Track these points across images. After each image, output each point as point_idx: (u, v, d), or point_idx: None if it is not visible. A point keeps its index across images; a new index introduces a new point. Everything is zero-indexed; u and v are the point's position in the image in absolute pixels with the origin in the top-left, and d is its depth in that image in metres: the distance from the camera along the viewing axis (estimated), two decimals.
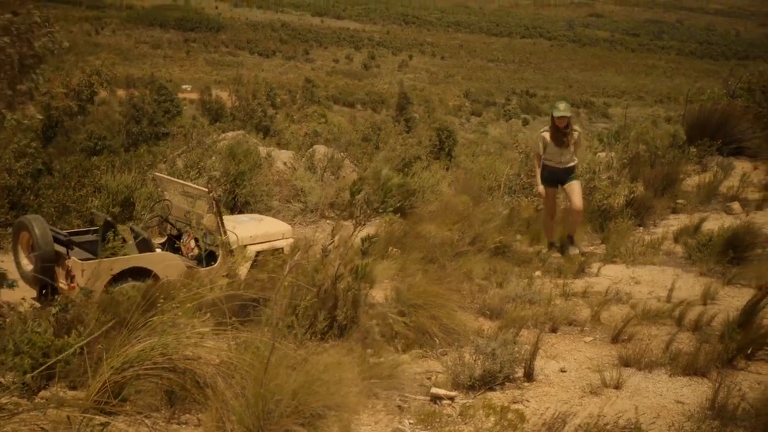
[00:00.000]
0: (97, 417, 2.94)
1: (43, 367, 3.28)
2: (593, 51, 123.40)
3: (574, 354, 5.17)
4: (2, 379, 3.39)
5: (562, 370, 4.82)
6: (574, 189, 8.02)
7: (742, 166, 11.50)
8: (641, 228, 9.17)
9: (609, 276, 7.14)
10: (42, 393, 3.59)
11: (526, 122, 55.94)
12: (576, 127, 8.05)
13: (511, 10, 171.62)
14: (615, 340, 5.39)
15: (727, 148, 11.80)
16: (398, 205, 11.40)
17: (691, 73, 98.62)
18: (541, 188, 8.08)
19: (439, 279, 5.79)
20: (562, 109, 7.82)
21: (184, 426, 3.61)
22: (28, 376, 3.26)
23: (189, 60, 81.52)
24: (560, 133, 7.86)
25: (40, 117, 5.45)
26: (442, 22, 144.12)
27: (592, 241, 8.81)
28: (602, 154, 11.50)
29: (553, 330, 5.59)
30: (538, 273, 7.25)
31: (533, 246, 8.42)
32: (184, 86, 50.98)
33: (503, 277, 6.64)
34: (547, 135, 7.99)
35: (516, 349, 4.61)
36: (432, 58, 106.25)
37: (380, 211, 4.85)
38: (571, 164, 8.05)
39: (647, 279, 7.11)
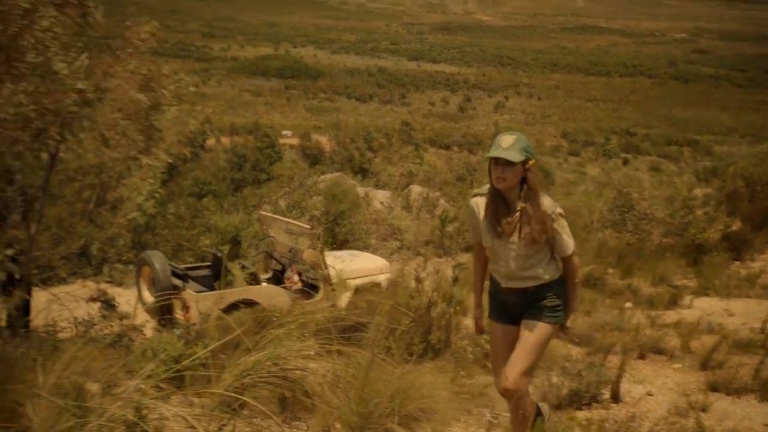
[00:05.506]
0: (222, 415, 3.40)
1: (176, 371, 3.78)
2: (697, 88, 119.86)
3: (662, 379, 5.32)
4: (141, 384, 3.91)
5: (649, 394, 4.99)
6: (524, 340, 3.60)
7: None
8: (737, 262, 9.12)
9: (701, 308, 7.20)
10: (173, 398, 4.09)
11: (626, 161, 54.95)
12: (545, 201, 3.52)
13: (609, 48, 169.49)
14: (704, 366, 5.50)
15: None
16: None
17: None
18: (479, 325, 4.01)
19: None
20: (505, 145, 3.45)
21: (295, 430, 4.03)
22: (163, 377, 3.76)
23: (289, 106, 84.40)
24: (499, 203, 3.55)
25: (170, 160, 6.14)
26: (537, 63, 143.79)
27: (685, 274, 8.83)
28: (698, 191, 11.46)
29: (641, 357, 5.75)
30: (629, 304, 7.38)
31: (625, 279, 8.52)
32: (284, 132, 52.76)
33: (591, 306, 6.83)
34: (479, 204, 3.67)
35: (602, 371, 4.82)
36: (528, 99, 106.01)
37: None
38: (537, 282, 3.59)
39: (741, 311, 7.12)
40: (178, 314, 7.59)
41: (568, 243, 3.58)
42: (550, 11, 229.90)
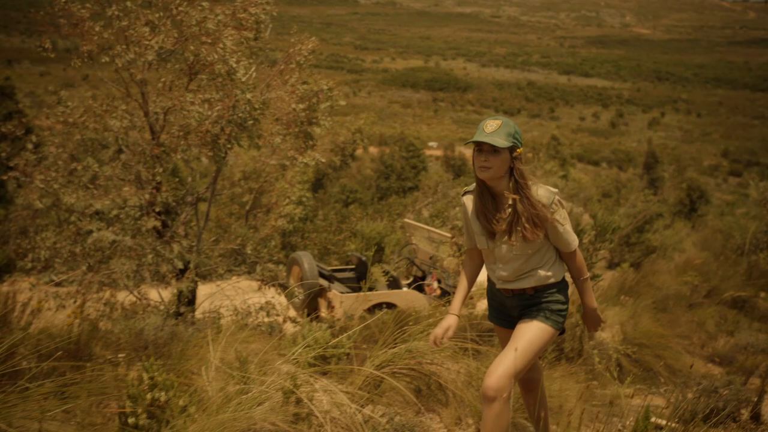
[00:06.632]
0: (364, 394, 3.74)
1: (323, 356, 4.17)
2: None
3: None
4: (293, 368, 4.33)
5: None
6: (516, 339, 3.13)
7: None
8: None
9: None
10: (319, 383, 4.49)
11: None
12: (541, 190, 3.07)
13: None
14: None
15: None
16: (637, 261, 11.48)
17: None
18: (444, 325, 3.26)
19: (669, 324, 6.01)
20: (489, 130, 3.01)
21: (428, 420, 4.30)
22: (312, 357, 4.16)
23: (436, 118, 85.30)
24: (487, 198, 3.12)
25: (323, 159, 6.59)
26: (699, 78, 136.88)
27: None
28: None
29: None
30: None
31: None
32: (430, 143, 53.41)
33: (734, 327, 6.65)
34: (469, 202, 3.25)
35: (742, 390, 4.75)
36: (686, 115, 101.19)
37: (600, 248, 5.29)
38: (537, 283, 3.17)
39: None
40: (324, 312, 8.11)
41: (571, 236, 3.11)
42: (716, 23, 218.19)
